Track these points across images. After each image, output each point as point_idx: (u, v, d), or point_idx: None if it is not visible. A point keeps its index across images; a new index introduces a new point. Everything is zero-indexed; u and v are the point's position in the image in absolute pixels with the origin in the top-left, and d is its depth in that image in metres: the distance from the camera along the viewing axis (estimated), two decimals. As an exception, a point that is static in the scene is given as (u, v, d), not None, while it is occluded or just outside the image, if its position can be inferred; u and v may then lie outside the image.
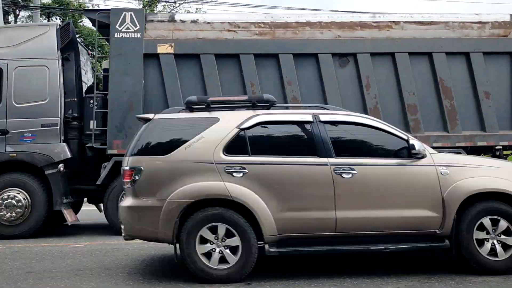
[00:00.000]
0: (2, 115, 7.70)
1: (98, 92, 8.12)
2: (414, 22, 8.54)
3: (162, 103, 7.80)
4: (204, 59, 8.03)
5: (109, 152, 7.72)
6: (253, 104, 4.94)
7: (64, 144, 7.77)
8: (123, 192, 5.87)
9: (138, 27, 7.96)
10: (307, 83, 8.18)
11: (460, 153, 7.89)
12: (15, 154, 7.66)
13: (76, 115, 7.97)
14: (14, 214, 7.46)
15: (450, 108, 8.18)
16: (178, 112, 5.00)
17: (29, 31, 8.38)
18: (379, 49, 8.26)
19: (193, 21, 8.34)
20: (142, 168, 4.55)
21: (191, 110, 4.95)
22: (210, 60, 8.01)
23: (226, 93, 7.86)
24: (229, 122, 4.71)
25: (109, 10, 8.41)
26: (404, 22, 8.51)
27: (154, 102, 7.92)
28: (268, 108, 5.01)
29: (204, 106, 4.92)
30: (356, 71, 8.22)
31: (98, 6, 22.85)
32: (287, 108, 5.88)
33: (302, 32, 8.28)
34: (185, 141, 4.63)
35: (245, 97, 5.27)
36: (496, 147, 8.30)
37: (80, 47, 8.75)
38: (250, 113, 4.82)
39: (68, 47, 8.03)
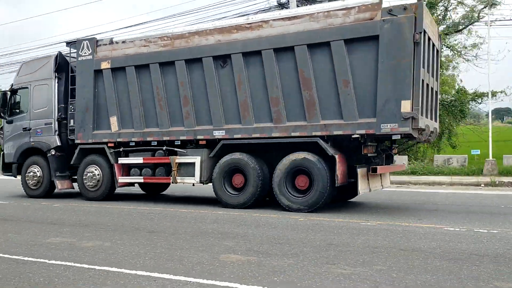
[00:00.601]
0: (28, 118, 12.12)
1: (71, 100, 11.51)
2: (282, 19, 9.06)
3: (107, 105, 10.88)
4: (128, 70, 10.50)
5: (76, 142, 11.30)
6: None
7: (57, 136, 11.65)
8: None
9: (91, 51, 10.99)
10: (196, 84, 9.76)
11: (317, 142, 8.56)
12: (33, 143, 11.96)
13: (63, 116, 11.63)
14: (34, 181, 11.95)
15: (309, 98, 8.62)
16: None
17: (41, 62, 12.30)
18: (249, 48, 9.15)
19: (123, 42, 10.84)
20: None
21: None
22: (131, 71, 10.44)
23: (144, 97, 10.41)
24: None
25: (77, 40, 11.69)
26: (273, 20, 9.14)
27: (102, 104, 10.95)
28: None
29: None
30: (231, 71, 9.35)
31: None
32: None
33: (192, 41, 9.81)
34: None
35: None
36: (353, 136, 8.42)
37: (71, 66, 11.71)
38: None
39: (60, 69, 11.70)
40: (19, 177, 12.46)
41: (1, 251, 5.91)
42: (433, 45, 9.08)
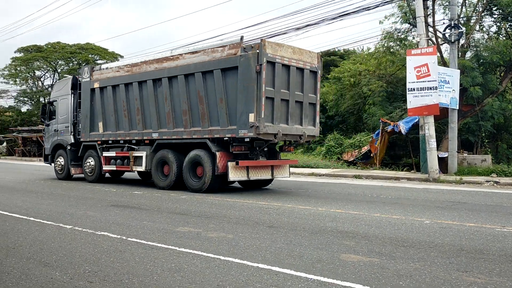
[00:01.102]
0: (56, 122, 16.88)
1: (79, 109, 15.97)
2: (189, 53, 12.36)
3: (97, 114, 15.05)
4: (108, 88, 14.53)
5: (81, 140, 15.73)
6: None
7: (71, 136, 16.20)
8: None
9: (88, 75, 15.26)
10: (144, 99, 13.46)
11: (206, 142, 11.78)
12: (59, 141, 16.77)
13: (75, 121, 16.11)
14: (59, 168, 16.70)
15: (202, 111, 11.92)
16: None
17: (64, 82, 17.37)
18: (171, 74, 12.60)
19: (106, 68, 14.98)
20: None
21: None
22: (109, 89, 14.47)
23: (116, 108, 14.37)
24: None
25: (83, 67, 16.46)
26: (185, 53, 12.46)
27: (95, 113, 15.14)
28: None
29: None
30: (162, 90, 12.87)
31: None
32: None
33: (141, 68, 13.53)
34: None
35: None
36: (224, 138, 11.52)
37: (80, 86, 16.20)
38: None
39: (74, 88, 16.18)
40: (53, 165, 17.32)
41: (138, 237, 6.49)
42: (299, 68, 11.73)
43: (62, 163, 16.55)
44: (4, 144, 44.87)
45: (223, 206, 9.54)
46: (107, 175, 15.96)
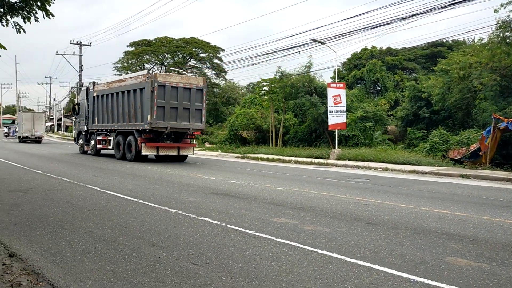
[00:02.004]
0: (79, 117, 26.50)
1: (88, 109, 24.73)
2: (130, 78, 20.97)
3: (96, 112, 23.55)
4: (100, 97, 22.96)
5: (89, 128, 24.54)
6: None
7: (85, 125, 24.86)
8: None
9: (92, 87, 24.05)
10: (115, 104, 21.52)
11: (133, 132, 19.94)
12: (80, 128, 26.18)
13: (87, 116, 24.56)
14: (80, 145, 26.40)
15: (133, 113, 20.19)
16: None
17: (83, 91, 25.92)
18: (123, 89, 20.74)
19: (99, 84, 23.87)
20: None
21: None
22: (101, 97, 22.90)
23: (104, 109, 22.71)
24: None
25: (89, 82, 25.46)
26: (128, 78, 21.21)
27: (95, 112, 23.53)
28: None
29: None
30: (118, 99, 21.19)
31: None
32: None
33: (113, 85, 22.01)
34: None
35: None
36: (140, 129, 19.40)
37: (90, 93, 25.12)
38: None
39: (87, 95, 24.59)
40: (77, 144, 27.35)
41: (237, 225, 6.69)
42: (186, 88, 19.27)
43: (82, 143, 25.79)
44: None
45: (319, 200, 9.47)
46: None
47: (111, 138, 21.74)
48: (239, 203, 8.83)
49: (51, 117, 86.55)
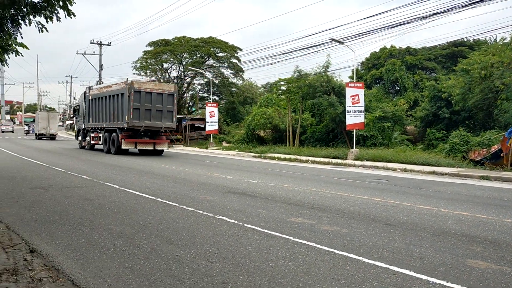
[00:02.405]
0: (79, 117, 31.83)
1: (84, 110, 29.36)
2: (114, 84, 25.23)
3: (90, 113, 27.82)
4: (93, 99, 27.13)
5: (85, 127, 29.02)
6: None
7: (83, 124, 29.46)
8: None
9: (88, 91, 28.73)
10: (101, 106, 26.08)
11: (116, 129, 23.98)
12: (78, 126, 31.92)
13: (84, 115, 29.01)
14: (78, 142, 31.24)
15: (116, 113, 23.85)
16: None
17: (82, 94, 31.22)
18: (110, 94, 24.84)
19: (94, 88, 28.98)
20: None
21: None
22: (93, 100, 27.26)
23: (96, 110, 26.93)
24: None
25: (86, 86, 31.25)
26: (113, 84, 25.43)
27: (89, 112, 27.88)
28: None
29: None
30: (106, 102, 25.42)
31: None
32: None
33: (104, 90, 26.23)
34: None
35: None
36: (121, 127, 23.06)
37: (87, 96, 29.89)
38: None
39: (85, 98, 29.02)
40: (77, 140, 32.01)
41: (254, 224, 6.70)
42: (159, 93, 22.96)
43: (80, 139, 30.18)
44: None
45: (336, 200, 9.42)
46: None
47: (101, 135, 25.78)
48: (256, 202, 8.83)
49: (71, 116, 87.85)
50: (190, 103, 55.58)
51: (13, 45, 10.14)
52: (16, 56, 10.40)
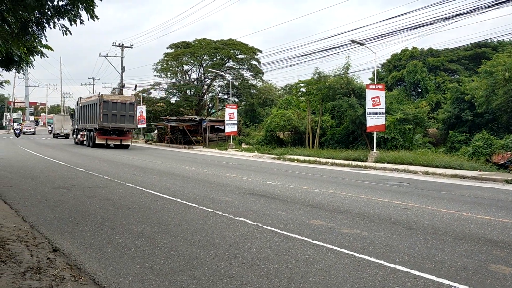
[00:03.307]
0: (74, 120, 43.12)
1: (77, 115, 40.31)
2: (93, 96, 36.88)
3: (80, 117, 37.39)
4: (83, 107, 36.11)
5: (77, 127, 39.19)
6: None
7: (77, 125, 39.57)
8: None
9: (79, 100, 38.16)
10: (86, 112, 35.13)
11: (93, 129, 33.53)
12: (74, 127, 42.97)
13: (77, 119, 39.90)
14: (74, 138, 42.89)
15: (92, 117, 33.25)
16: None
17: (77, 102, 40.78)
18: (87, 104, 35.05)
19: (83, 98, 38.10)
20: None
21: None
22: (82, 107, 36.43)
23: (85, 115, 35.89)
24: None
25: (79, 97, 40.58)
26: (93, 96, 36.88)
27: (80, 117, 37.35)
28: None
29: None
30: (88, 109, 34.44)
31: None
32: None
33: (91, 99, 35.44)
34: None
35: None
36: (96, 127, 31.92)
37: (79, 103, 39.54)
38: None
39: (78, 105, 39.10)
40: (72, 138, 44.16)
41: (273, 225, 6.69)
42: (122, 103, 32.36)
43: (74, 136, 39.42)
44: (155, 131, 49.79)
45: (356, 203, 9.34)
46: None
47: (86, 133, 34.79)
48: (275, 204, 8.82)
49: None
50: (210, 105, 55.89)
51: (38, 46, 10.35)
52: (41, 57, 10.59)
